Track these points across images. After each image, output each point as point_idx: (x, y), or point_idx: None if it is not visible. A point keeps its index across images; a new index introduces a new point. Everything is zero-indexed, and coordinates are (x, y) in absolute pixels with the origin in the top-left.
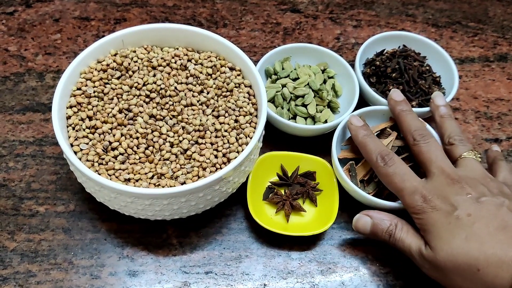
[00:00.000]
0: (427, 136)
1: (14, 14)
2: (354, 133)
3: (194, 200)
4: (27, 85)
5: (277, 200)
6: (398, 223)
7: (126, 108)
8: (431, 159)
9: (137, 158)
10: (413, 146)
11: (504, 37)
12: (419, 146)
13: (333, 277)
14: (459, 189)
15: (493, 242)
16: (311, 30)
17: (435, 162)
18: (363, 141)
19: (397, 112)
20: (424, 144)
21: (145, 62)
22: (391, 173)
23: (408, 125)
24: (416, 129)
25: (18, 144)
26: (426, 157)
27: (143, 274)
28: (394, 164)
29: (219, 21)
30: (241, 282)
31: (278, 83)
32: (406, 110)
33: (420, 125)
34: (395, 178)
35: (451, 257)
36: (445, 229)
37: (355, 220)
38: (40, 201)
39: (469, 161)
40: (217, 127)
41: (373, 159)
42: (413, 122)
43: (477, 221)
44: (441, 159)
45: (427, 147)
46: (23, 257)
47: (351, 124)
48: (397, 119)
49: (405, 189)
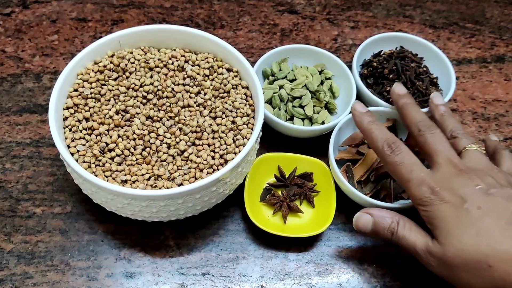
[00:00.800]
0: (433, 127)
1: (11, 15)
2: (358, 119)
3: (191, 201)
4: (24, 86)
5: (274, 202)
6: (400, 220)
7: (123, 109)
8: (437, 150)
9: (134, 160)
10: (419, 137)
11: (501, 38)
12: (424, 136)
13: (330, 278)
14: (468, 180)
15: (504, 237)
16: (308, 31)
17: (442, 153)
18: (368, 127)
19: (401, 104)
20: (429, 135)
21: (142, 63)
22: (398, 162)
23: (413, 116)
24: (421, 120)
25: (15, 145)
26: (432, 148)
27: (140, 276)
28: (401, 152)
29: (216, 22)
30: (238, 284)
31: (276, 84)
32: (409, 103)
33: (424, 116)
34: (402, 168)
35: (460, 253)
36: (454, 223)
37: (355, 218)
38: (37, 203)
39: (474, 152)
40: (214, 129)
41: (379, 146)
42: (417, 114)
43: (488, 214)
44: (448, 149)
45: (433, 137)
46: (20, 259)
47: (355, 110)
48: (401, 111)
49: (412, 180)
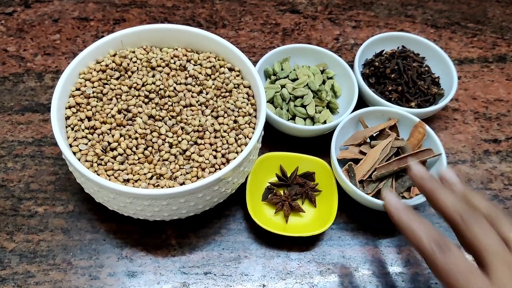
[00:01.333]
0: (476, 214)
1: (13, 15)
2: (396, 217)
3: (193, 200)
4: (26, 86)
5: (276, 201)
6: None
7: (125, 108)
8: (487, 246)
9: (136, 159)
10: (462, 225)
11: (503, 38)
12: (470, 227)
13: (332, 277)
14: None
15: None
16: (310, 30)
17: (495, 253)
18: (410, 225)
19: (429, 188)
20: (477, 226)
21: (144, 63)
22: (452, 270)
23: (448, 201)
24: (459, 205)
25: (17, 144)
26: (481, 243)
27: (142, 275)
28: (454, 257)
29: (218, 22)
30: (240, 283)
31: (277, 84)
32: (438, 185)
33: (458, 199)
34: (458, 277)
35: None
36: None
37: None
38: (39, 202)
39: None
40: (216, 128)
41: (427, 248)
42: (451, 197)
43: None
44: (499, 245)
45: (481, 229)
46: (22, 258)
47: (390, 205)
48: (431, 195)
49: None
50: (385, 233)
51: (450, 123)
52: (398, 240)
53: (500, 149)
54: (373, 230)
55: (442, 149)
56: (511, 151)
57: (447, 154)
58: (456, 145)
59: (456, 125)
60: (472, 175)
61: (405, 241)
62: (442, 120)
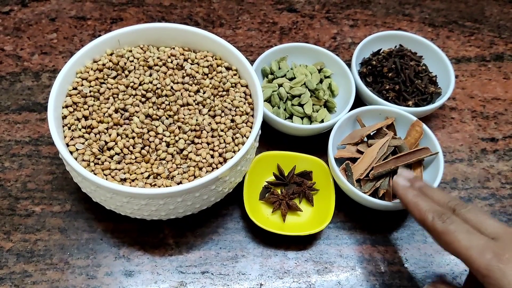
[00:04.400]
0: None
1: (10, 14)
2: (403, 195)
3: (190, 200)
4: (23, 85)
5: (274, 200)
6: None
7: (122, 107)
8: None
9: (133, 158)
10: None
11: (500, 37)
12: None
13: (329, 276)
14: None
15: None
16: (307, 29)
17: None
18: (414, 201)
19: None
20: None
21: (141, 62)
22: (452, 230)
23: (439, 197)
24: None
25: (14, 143)
26: None
27: (139, 274)
28: (454, 222)
29: (215, 21)
30: (237, 282)
31: (275, 83)
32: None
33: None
34: (458, 235)
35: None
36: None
37: None
38: (36, 201)
39: None
40: (213, 127)
41: (428, 217)
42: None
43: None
44: None
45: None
46: (19, 257)
47: (398, 185)
48: None
49: (472, 247)
50: (382, 231)
51: (447, 122)
52: (395, 239)
53: (498, 148)
54: (370, 229)
55: (439, 148)
56: (508, 150)
57: (444, 153)
58: (454, 143)
59: (454, 124)
60: (469, 173)
61: (402, 238)
62: (439, 119)
